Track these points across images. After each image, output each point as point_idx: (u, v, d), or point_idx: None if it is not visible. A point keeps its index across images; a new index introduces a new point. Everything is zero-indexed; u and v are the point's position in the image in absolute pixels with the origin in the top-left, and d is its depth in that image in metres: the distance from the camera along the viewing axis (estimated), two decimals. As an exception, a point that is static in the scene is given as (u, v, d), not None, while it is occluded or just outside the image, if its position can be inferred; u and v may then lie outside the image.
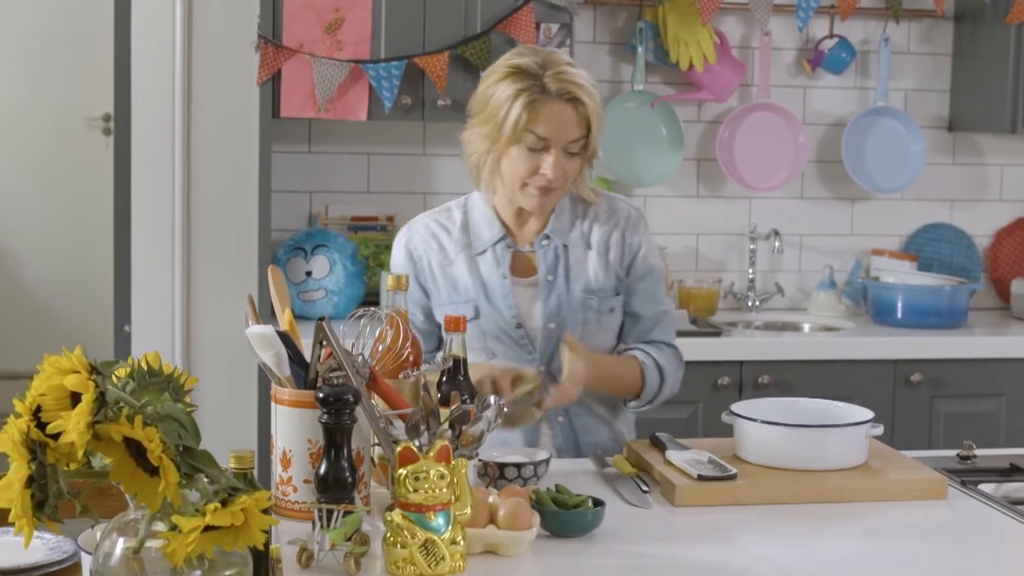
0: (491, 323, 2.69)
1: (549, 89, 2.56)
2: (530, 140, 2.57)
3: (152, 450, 1.87)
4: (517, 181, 2.62)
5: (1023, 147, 4.71)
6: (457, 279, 2.72)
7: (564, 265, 2.72)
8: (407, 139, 4.33)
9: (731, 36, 4.45)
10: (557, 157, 2.58)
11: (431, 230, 2.77)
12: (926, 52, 4.62)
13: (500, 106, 2.58)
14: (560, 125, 2.57)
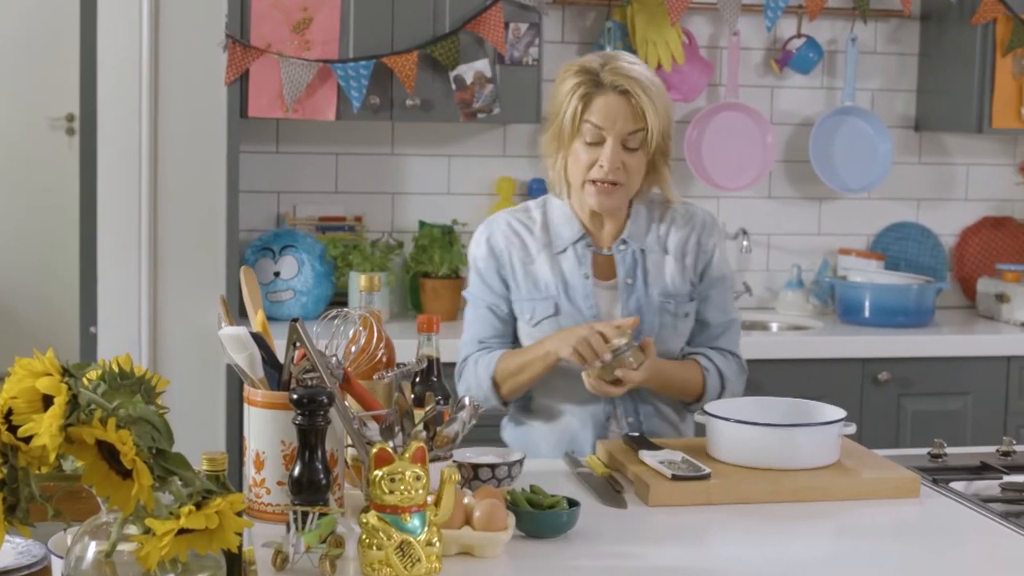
0: (570, 322, 2.72)
1: (603, 82, 2.66)
2: (587, 131, 2.66)
3: (125, 453, 1.86)
4: (580, 177, 2.70)
5: (989, 147, 4.74)
6: (538, 276, 2.76)
7: (642, 269, 2.77)
8: (375, 139, 4.32)
9: (699, 36, 4.46)
10: (613, 148, 2.65)
11: (513, 227, 2.81)
12: (893, 52, 4.64)
13: (561, 102, 2.69)
14: (613, 116, 2.65)
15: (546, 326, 2.72)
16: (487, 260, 2.80)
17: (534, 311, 2.75)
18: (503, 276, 2.79)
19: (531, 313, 2.76)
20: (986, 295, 4.51)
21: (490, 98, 4.01)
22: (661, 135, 2.68)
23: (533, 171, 4.43)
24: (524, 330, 2.78)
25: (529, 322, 2.76)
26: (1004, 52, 4.28)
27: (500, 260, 2.79)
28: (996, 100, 4.32)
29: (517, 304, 2.78)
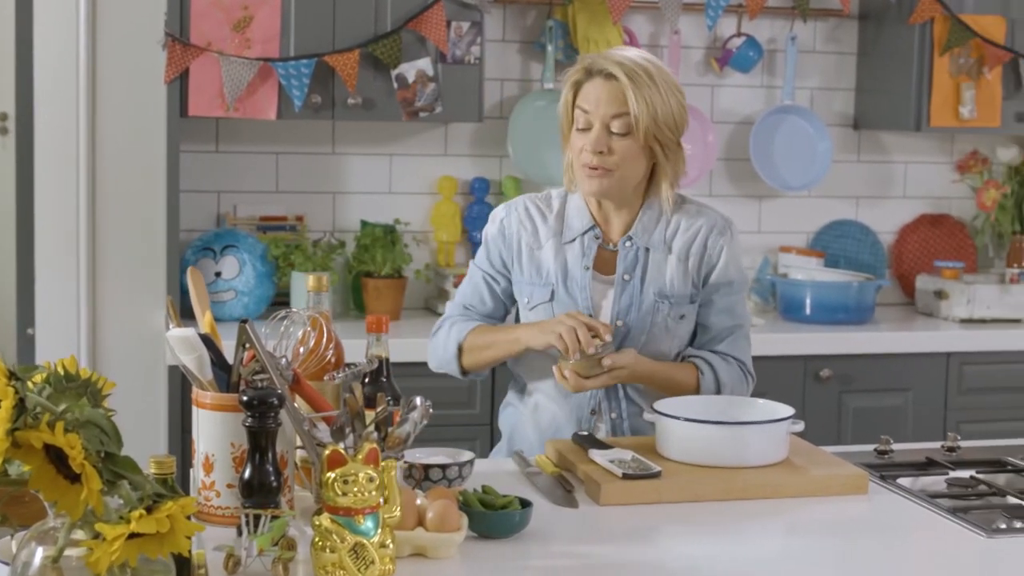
0: (563, 309, 2.73)
1: (593, 69, 2.69)
2: (578, 117, 2.69)
3: (74, 457, 1.83)
4: (575, 164, 2.74)
5: (926, 145, 4.78)
6: (542, 262, 2.79)
7: (642, 267, 2.76)
8: (316, 138, 4.29)
9: (640, 35, 4.47)
10: (597, 132, 2.66)
11: (529, 212, 2.83)
12: (831, 51, 4.67)
13: (561, 97, 2.74)
14: (596, 99, 2.67)
15: (541, 311, 2.76)
16: (496, 238, 2.84)
17: (532, 295, 2.78)
18: (506, 258, 2.82)
19: (529, 297, 2.79)
20: (925, 292, 4.55)
21: (432, 97, 3.99)
22: (651, 121, 2.64)
23: (475, 170, 4.43)
24: (523, 315, 2.84)
25: (527, 306, 2.80)
26: (942, 51, 4.32)
27: (508, 241, 2.82)
28: (934, 99, 4.36)
29: (518, 287, 2.82)
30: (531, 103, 4.38)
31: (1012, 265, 4.64)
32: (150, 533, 1.81)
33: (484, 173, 4.43)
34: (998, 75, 4.40)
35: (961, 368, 4.25)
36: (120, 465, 1.92)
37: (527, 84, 4.44)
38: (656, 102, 2.64)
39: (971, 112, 4.36)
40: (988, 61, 4.36)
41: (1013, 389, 4.30)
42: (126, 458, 1.93)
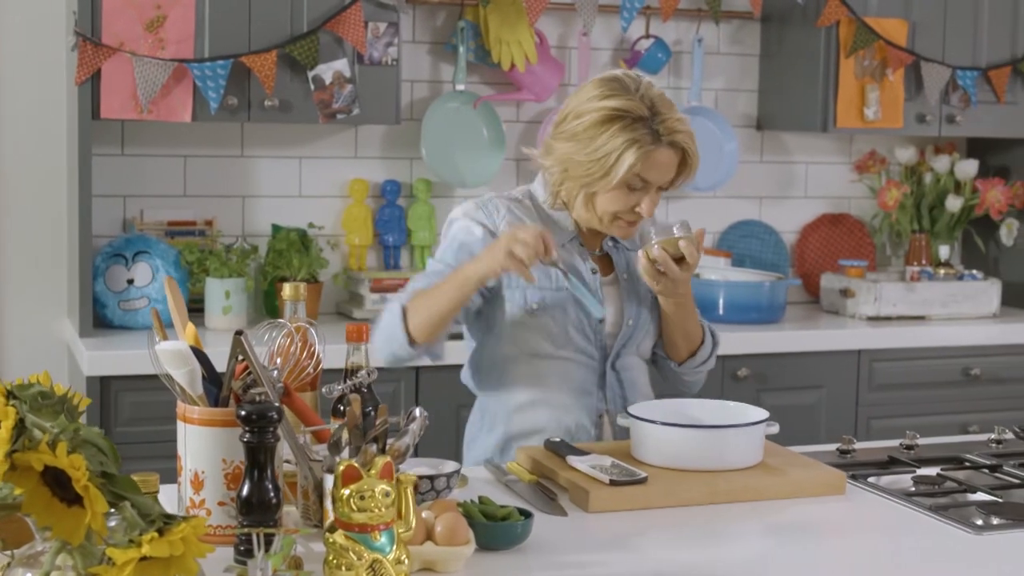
0: (581, 315, 2.70)
1: (661, 138, 2.58)
2: (634, 182, 2.60)
3: (78, 479, 1.75)
4: (609, 216, 2.65)
5: (827, 145, 4.86)
6: (546, 265, 2.60)
7: (632, 266, 2.77)
8: (225, 141, 4.19)
9: (550, 36, 4.46)
10: (653, 197, 2.63)
11: (515, 212, 2.72)
12: (735, 53, 4.71)
13: (611, 152, 2.56)
14: (666, 171, 2.62)
15: (554, 315, 2.67)
16: (485, 240, 2.67)
17: (543, 300, 2.68)
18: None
19: (539, 302, 2.68)
20: (830, 290, 4.62)
21: (349, 98, 3.93)
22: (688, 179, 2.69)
23: (386, 172, 4.37)
24: (521, 317, 2.69)
25: (535, 311, 2.68)
26: (848, 53, 4.38)
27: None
28: (840, 100, 4.42)
29: (519, 291, 2.68)
30: (443, 105, 4.34)
31: (912, 263, 4.74)
32: (163, 557, 1.74)
33: (395, 176, 4.38)
34: (900, 77, 4.48)
35: (871, 365, 4.33)
36: (120, 486, 1.84)
37: (438, 86, 4.40)
38: (696, 165, 2.66)
39: (876, 113, 4.44)
40: (891, 63, 4.44)
41: (920, 385, 4.39)
42: (126, 478, 1.85)
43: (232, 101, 3.82)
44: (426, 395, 3.82)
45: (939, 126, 4.57)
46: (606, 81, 2.64)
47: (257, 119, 3.88)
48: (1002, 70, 4.58)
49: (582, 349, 2.71)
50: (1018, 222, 4.79)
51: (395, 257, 4.38)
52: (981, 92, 4.58)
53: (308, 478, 2.09)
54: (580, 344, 2.71)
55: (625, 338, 2.74)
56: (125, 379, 3.59)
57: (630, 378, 2.76)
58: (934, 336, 4.40)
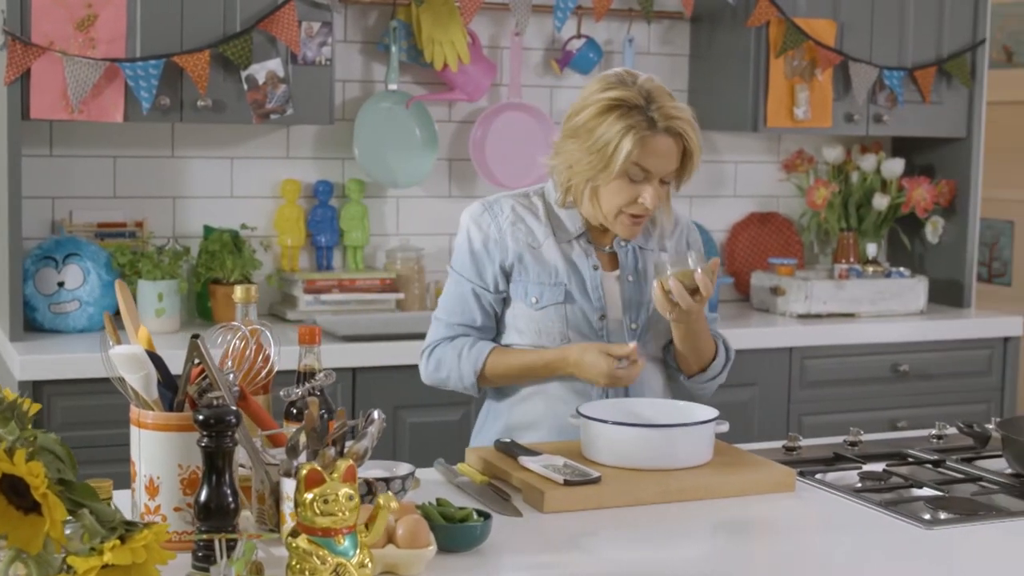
0: (578, 311, 2.72)
1: (657, 124, 2.59)
2: (634, 172, 2.60)
3: (37, 487, 1.72)
4: (613, 211, 2.66)
5: (755, 144, 4.90)
6: (548, 261, 2.73)
7: (642, 266, 2.78)
8: (155, 141, 4.14)
9: (482, 36, 4.45)
10: (657, 187, 2.63)
11: (517, 212, 2.77)
12: (665, 53, 4.74)
13: (609, 141, 2.59)
14: (665, 159, 2.62)
15: (551, 312, 2.71)
16: (488, 244, 2.75)
17: (542, 295, 2.72)
18: (504, 266, 2.74)
19: (538, 296, 2.72)
20: (760, 288, 4.66)
21: (283, 98, 3.90)
22: (692, 170, 2.69)
23: (318, 173, 4.34)
24: (525, 312, 2.74)
25: (535, 305, 2.73)
26: (777, 54, 4.42)
27: (503, 243, 2.74)
28: (770, 100, 4.46)
29: (521, 286, 2.74)
30: (376, 105, 4.32)
31: (840, 261, 4.79)
32: (123, 565, 1.72)
33: (327, 176, 4.35)
34: (829, 77, 4.53)
35: (803, 362, 4.37)
36: (78, 493, 1.82)
37: (369, 86, 4.38)
38: (698, 154, 2.66)
39: (805, 113, 4.49)
40: (820, 63, 4.49)
41: (851, 381, 4.44)
42: (84, 485, 1.83)
43: (164, 101, 3.77)
44: (363, 396, 3.80)
45: (867, 125, 4.63)
46: (605, 77, 2.69)
47: (190, 119, 3.84)
48: (927, 70, 4.65)
49: None
50: (943, 220, 4.86)
51: (328, 258, 4.35)
52: (907, 92, 4.64)
53: (264, 482, 2.07)
54: (580, 341, 2.71)
55: (628, 338, 2.74)
56: (58, 383, 3.53)
57: (640, 378, 2.74)
58: (863, 333, 4.45)
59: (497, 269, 2.75)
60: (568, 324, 2.72)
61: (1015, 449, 2.51)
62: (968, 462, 2.66)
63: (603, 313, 2.74)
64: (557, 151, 2.73)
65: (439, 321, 2.83)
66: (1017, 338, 4.65)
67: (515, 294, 2.76)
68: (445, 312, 2.82)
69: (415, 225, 4.46)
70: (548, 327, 2.72)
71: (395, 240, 4.45)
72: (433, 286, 4.43)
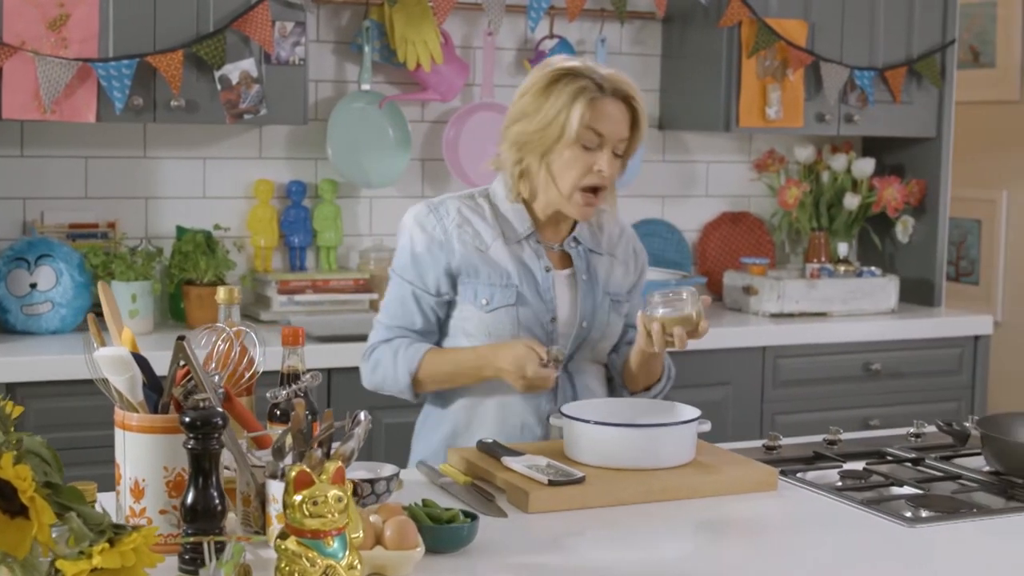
0: (530, 313, 2.71)
1: (605, 88, 2.62)
2: (588, 138, 2.61)
3: (24, 490, 1.71)
4: (569, 185, 2.66)
5: (727, 144, 4.92)
6: (498, 262, 2.71)
7: (592, 269, 2.79)
8: (127, 142, 4.12)
9: (454, 35, 4.45)
10: (610, 156, 2.64)
11: (463, 214, 2.75)
12: (637, 53, 4.75)
13: (560, 108, 2.61)
14: (616, 123, 2.64)
15: (502, 314, 2.69)
16: (432, 247, 2.72)
17: (492, 297, 2.70)
18: (450, 269, 2.72)
19: (488, 298, 2.70)
20: (733, 288, 4.68)
21: (256, 98, 3.88)
22: (640, 144, 2.71)
23: (291, 173, 4.33)
24: (475, 315, 2.71)
25: (485, 307, 2.70)
26: (749, 54, 4.44)
27: (449, 246, 2.72)
28: (742, 100, 4.48)
29: (471, 288, 2.71)
30: (349, 105, 4.31)
31: (812, 260, 4.81)
32: (113, 568, 1.71)
33: (300, 176, 4.34)
34: (801, 77, 4.55)
35: (776, 361, 4.39)
36: (65, 496, 1.81)
37: (342, 86, 4.36)
38: (645, 121, 2.69)
39: (777, 113, 4.50)
40: (792, 63, 4.50)
41: (823, 380, 4.46)
42: (71, 488, 1.81)
43: (137, 101, 3.75)
44: (337, 397, 3.79)
45: (838, 125, 4.65)
46: (545, 61, 2.74)
47: (163, 120, 3.82)
48: (898, 70, 4.68)
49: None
50: (913, 219, 4.89)
51: (301, 258, 4.34)
52: (878, 92, 4.67)
53: (250, 484, 2.06)
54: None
55: (579, 340, 2.75)
56: (32, 385, 3.51)
57: (583, 382, 2.78)
58: (836, 332, 4.48)
59: (441, 272, 2.73)
60: (520, 326, 2.71)
61: (995, 447, 2.53)
62: (947, 460, 2.68)
63: (554, 315, 2.74)
64: (505, 138, 2.73)
65: (379, 324, 2.80)
66: (988, 336, 4.69)
67: (463, 297, 2.73)
68: (386, 315, 2.79)
69: (388, 225, 4.45)
70: (498, 329, 2.70)
71: (368, 240, 4.44)
72: (406, 286, 4.42)
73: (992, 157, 5.48)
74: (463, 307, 2.73)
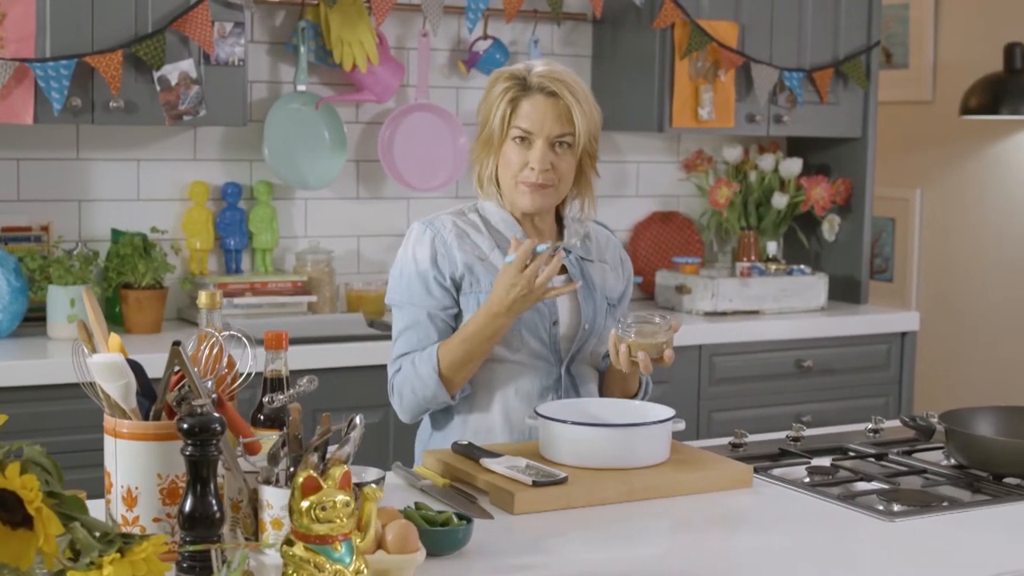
0: (531, 318, 2.71)
1: (531, 84, 2.68)
2: (515, 134, 2.67)
3: (31, 500, 1.68)
4: (511, 180, 2.71)
5: (656, 145, 4.96)
6: (498, 270, 2.70)
7: (588, 274, 2.81)
8: (59, 143, 4.05)
9: (388, 36, 4.43)
10: (542, 150, 2.67)
11: (460, 228, 2.76)
12: (568, 54, 4.77)
13: (490, 108, 2.70)
14: (541, 117, 2.67)
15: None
16: (434, 263, 2.73)
17: None
18: (455, 278, 2.73)
19: None
20: (666, 287, 4.72)
21: (196, 99, 3.84)
22: (588, 136, 2.70)
23: (226, 175, 4.29)
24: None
25: None
26: (682, 55, 4.48)
27: (451, 258, 2.72)
28: (675, 101, 4.52)
29: (474, 297, 2.72)
30: (285, 106, 4.28)
31: (742, 259, 4.87)
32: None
33: (235, 178, 4.30)
34: (732, 78, 4.60)
35: (712, 359, 4.43)
36: (68, 505, 1.78)
37: (277, 87, 4.33)
38: (590, 117, 2.71)
39: (709, 114, 4.55)
40: (723, 65, 4.55)
41: (757, 377, 4.51)
42: (73, 497, 1.79)
43: (76, 102, 3.69)
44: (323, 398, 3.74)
45: (768, 126, 4.71)
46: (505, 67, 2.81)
47: (102, 121, 3.76)
48: (825, 71, 4.75)
49: (537, 353, 2.74)
50: (839, 218, 4.97)
51: (236, 261, 4.30)
52: (806, 93, 4.74)
53: (242, 490, 2.04)
54: (535, 347, 2.74)
55: (581, 341, 2.78)
56: (-28, 393, 3.44)
57: (584, 384, 2.81)
58: (768, 330, 4.54)
59: (448, 283, 2.74)
60: (525, 330, 2.73)
61: (959, 441, 2.58)
62: (908, 455, 2.73)
63: (556, 319, 2.76)
64: (474, 145, 2.82)
65: (396, 360, 2.77)
66: (914, 333, 4.78)
67: (467, 306, 2.74)
68: (404, 345, 2.76)
69: (324, 227, 4.43)
70: (505, 338, 2.71)
71: (304, 242, 4.41)
72: (343, 288, 4.40)
73: (906, 156, 5.60)
74: (467, 315, 2.74)
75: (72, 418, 3.44)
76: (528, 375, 2.75)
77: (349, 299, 4.38)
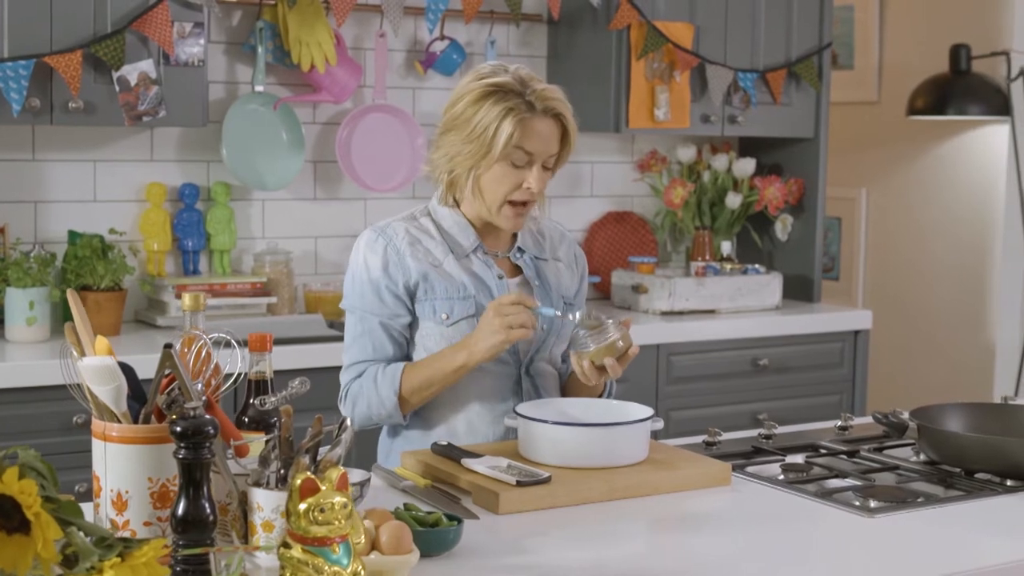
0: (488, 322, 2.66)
1: (535, 106, 2.62)
2: (517, 156, 2.62)
3: (29, 505, 1.67)
4: (498, 200, 2.67)
5: (610, 145, 4.99)
6: (453, 276, 2.70)
7: (543, 274, 2.80)
8: (14, 144, 4.01)
9: (345, 37, 4.42)
10: (539, 172, 2.65)
11: (412, 234, 2.73)
12: (524, 55, 4.78)
13: (488, 125, 2.60)
14: (545, 141, 2.64)
15: (464, 326, 2.69)
16: (387, 270, 2.70)
17: (452, 310, 2.69)
18: (409, 286, 2.70)
19: (448, 312, 2.69)
20: (622, 287, 4.74)
21: (155, 100, 3.81)
22: (568, 154, 2.73)
23: (183, 176, 4.26)
24: (435, 331, 2.71)
25: (445, 322, 2.69)
26: (638, 56, 4.51)
27: (404, 265, 2.70)
28: (632, 102, 4.54)
29: (428, 304, 2.69)
30: (243, 106, 4.26)
31: (697, 259, 4.90)
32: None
33: (193, 179, 4.27)
34: (687, 79, 4.63)
35: (669, 358, 4.46)
36: (64, 510, 1.77)
37: (234, 87, 4.31)
38: (575, 135, 2.71)
39: (665, 114, 4.58)
40: (679, 66, 4.58)
41: (714, 376, 4.55)
42: (69, 502, 1.78)
43: (35, 103, 3.65)
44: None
45: (722, 126, 4.75)
46: (479, 69, 2.73)
47: (61, 122, 3.72)
48: (778, 72, 4.80)
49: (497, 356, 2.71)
50: (791, 218, 5.02)
51: (194, 262, 4.27)
52: (759, 93, 4.78)
53: (232, 493, 2.04)
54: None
55: (539, 343, 2.77)
56: (-68, 397, 3.40)
57: (544, 385, 2.79)
58: (724, 329, 4.57)
59: (401, 291, 2.71)
60: None
61: (931, 438, 2.62)
62: (879, 452, 2.77)
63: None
64: (437, 145, 2.74)
65: (351, 367, 2.76)
66: (867, 331, 4.84)
67: (422, 314, 2.72)
68: (357, 353, 2.75)
69: (281, 228, 4.42)
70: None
71: (262, 244, 4.39)
72: (301, 289, 4.39)
73: (852, 156, 5.66)
74: (423, 324, 2.72)
75: (33, 422, 3.41)
76: (488, 379, 2.73)
77: (307, 300, 4.36)
